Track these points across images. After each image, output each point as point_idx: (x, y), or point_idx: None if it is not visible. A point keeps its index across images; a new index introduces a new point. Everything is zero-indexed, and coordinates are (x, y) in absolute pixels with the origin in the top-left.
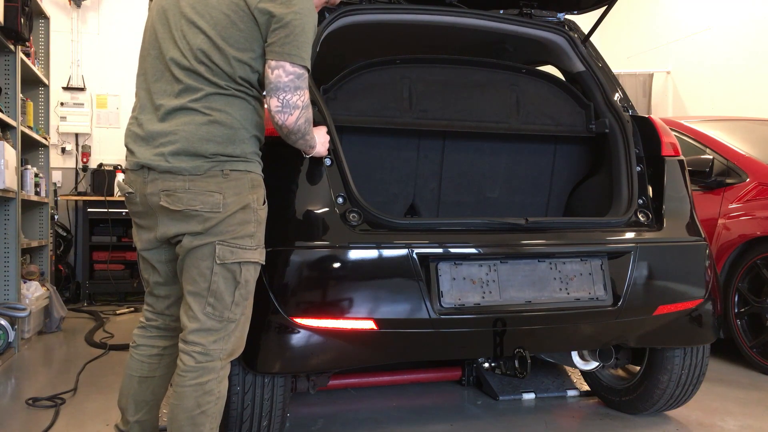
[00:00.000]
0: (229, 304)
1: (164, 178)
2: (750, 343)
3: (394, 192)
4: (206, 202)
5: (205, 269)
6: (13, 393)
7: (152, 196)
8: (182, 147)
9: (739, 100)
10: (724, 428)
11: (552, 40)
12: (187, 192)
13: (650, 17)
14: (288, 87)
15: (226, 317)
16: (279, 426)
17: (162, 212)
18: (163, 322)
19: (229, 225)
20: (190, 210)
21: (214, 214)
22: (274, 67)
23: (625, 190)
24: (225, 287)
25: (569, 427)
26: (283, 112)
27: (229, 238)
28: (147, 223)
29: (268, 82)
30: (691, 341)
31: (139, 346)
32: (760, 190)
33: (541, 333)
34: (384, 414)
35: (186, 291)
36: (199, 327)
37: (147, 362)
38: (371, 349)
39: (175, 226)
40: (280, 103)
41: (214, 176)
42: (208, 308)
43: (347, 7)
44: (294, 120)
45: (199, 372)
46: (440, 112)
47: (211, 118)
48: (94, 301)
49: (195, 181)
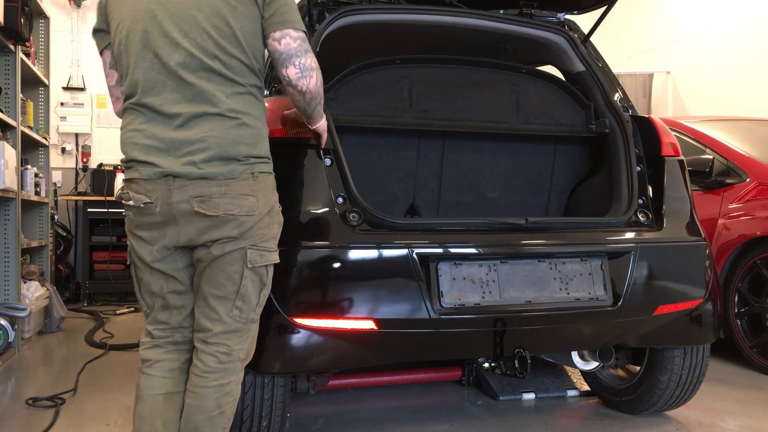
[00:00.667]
0: (254, 305)
1: (196, 185)
2: (750, 343)
3: (394, 192)
4: (242, 206)
5: (233, 273)
6: (13, 393)
7: (180, 203)
8: (215, 153)
9: (739, 100)
10: (724, 428)
11: (552, 40)
12: (224, 197)
13: (650, 17)
14: (300, 51)
15: (250, 318)
16: (279, 426)
17: (189, 219)
18: (182, 336)
19: (259, 228)
20: (227, 215)
21: (249, 217)
22: (279, 37)
23: (625, 190)
24: (253, 290)
25: (569, 427)
26: (304, 76)
27: (258, 241)
28: (160, 234)
29: (277, 54)
30: (691, 341)
31: (156, 363)
32: (760, 190)
33: (541, 333)
34: (384, 414)
35: (209, 295)
36: (225, 329)
37: (170, 377)
38: (371, 349)
39: (207, 233)
40: (299, 68)
41: (246, 179)
42: (235, 311)
43: (347, 7)
44: (315, 82)
45: (222, 373)
46: (440, 112)
47: (239, 122)
48: (94, 301)
49: (230, 185)
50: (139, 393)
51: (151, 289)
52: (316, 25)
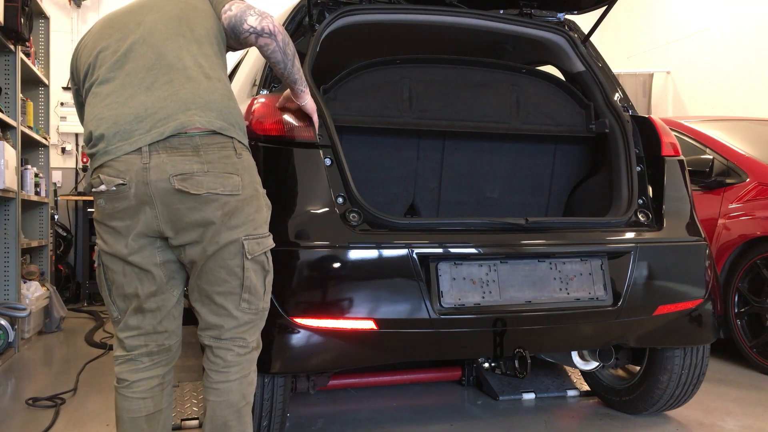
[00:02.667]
0: (261, 294)
1: (176, 162)
2: (750, 343)
3: (394, 192)
4: (226, 185)
5: (235, 267)
6: (13, 393)
7: (159, 182)
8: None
9: (739, 100)
10: (724, 428)
11: (552, 40)
12: (207, 174)
13: (650, 17)
14: (248, 7)
15: (261, 308)
16: (279, 426)
17: (168, 199)
18: (156, 344)
19: (248, 214)
20: (210, 194)
21: (233, 197)
22: (227, 8)
23: (625, 190)
24: (257, 279)
25: (569, 427)
26: (264, 18)
27: (252, 229)
28: (135, 221)
29: (234, 19)
30: (691, 341)
31: (133, 383)
32: (760, 190)
33: (541, 333)
34: (384, 414)
35: (213, 293)
36: (237, 324)
37: (149, 397)
38: (371, 349)
39: (188, 215)
40: (256, 14)
41: (228, 157)
42: (244, 304)
43: (347, 7)
44: (277, 23)
45: (243, 365)
46: (440, 112)
47: (212, 80)
48: (94, 301)
49: (213, 162)
50: (119, 414)
51: (124, 291)
52: (316, 25)
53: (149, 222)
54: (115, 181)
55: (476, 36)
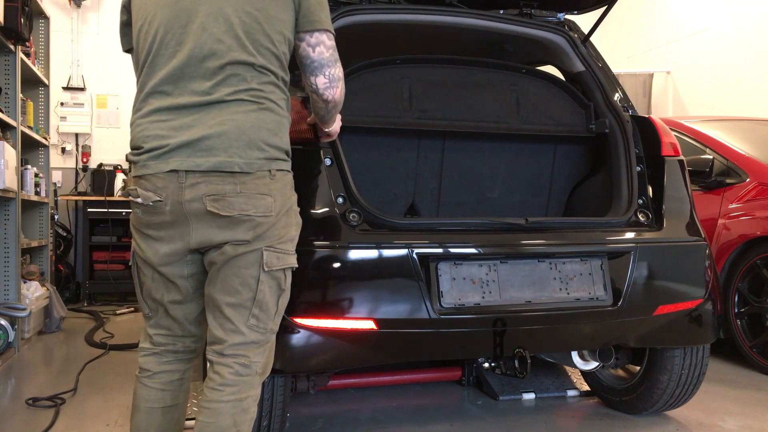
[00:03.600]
0: (272, 314)
1: (210, 182)
2: (750, 343)
3: (394, 192)
4: (259, 206)
5: (249, 278)
6: (13, 393)
7: (193, 202)
8: (234, 139)
9: (739, 100)
10: (724, 428)
11: (552, 40)
12: (239, 195)
13: (650, 17)
14: (331, 61)
15: (269, 328)
16: (279, 426)
17: (201, 219)
18: (183, 345)
19: (276, 229)
20: (242, 215)
21: (265, 218)
22: (314, 43)
23: (625, 190)
24: (270, 296)
25: (569, 427)
26: (331, 87)
27: (276, 243)
28: (169, 234)
29: (309, 61)
30: (691, 341)
31: (156, 374)
32: (760, 190)
33: (541, 333)
34: (384, 414)
35: (223, 303)
36: (243, 341)
37: (168, 390)
38: (371, 349)
39: (220, 234)
40: (328, 79)
41: (262, 177)
42: (252, 320)
43: (347, 7)
44: (340, 92)
45: (239, 387)
46: (440, 112)
47: (262, 106)
48: (94, 301)
49: (246, 183)
50: (136, 403)
51: (152, 295)
52: None
53: (183, 237)
54: (152, 197)
55: (476, 36)
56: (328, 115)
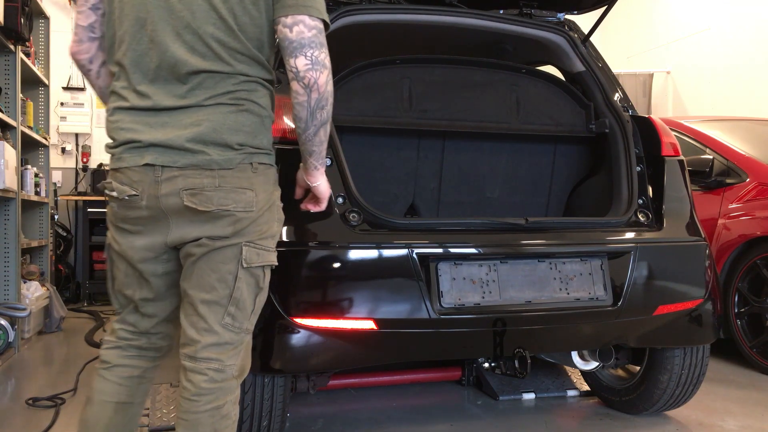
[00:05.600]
0: (249, 313)
1: (187, 175)
2: (750, 343)
3: (394, 192)
4: (239, 201)
5: (226, 274)
6: (13, 393)
7: (169, 197)
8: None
9: (739, 100)
10: (724, 428)
11: (552, 40)
12: (218, 190)
13: (650, 17)
14: (314, 43)
15: (245, 328)
16: (279, 426)
17: (179, 214)
18: (148, 341)
19: (257, 225)
20: (221, 210)
21: (246, 213)
22: (291, 24)
23: (625, 190)
24: (248, 294)
25: (569, 427)
26: (314, 69)
27: (256, 239)
28: (146, 229)
29: (287, 42)
30: (691, 341)
31: (115, 367)
32: (760, 190)
33: (541, 333)
34: (384, 414)
35: (198, 300)
36: (217, 341)
37: (126, 385)
38: (371, 349)
39: (197, 229)
40: (309, 60)
41: (243, 170)
42: (227, 319)
43: (347, 7)
44: (325, 80)
45: (216, 394)
46: (440, 112)
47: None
48: (94, 301)
49: (225, 177)
50: (90, 396)
51: (123, 290)
52: None
53: (161, 232)
54: (127, 191)
55: (476, 36)
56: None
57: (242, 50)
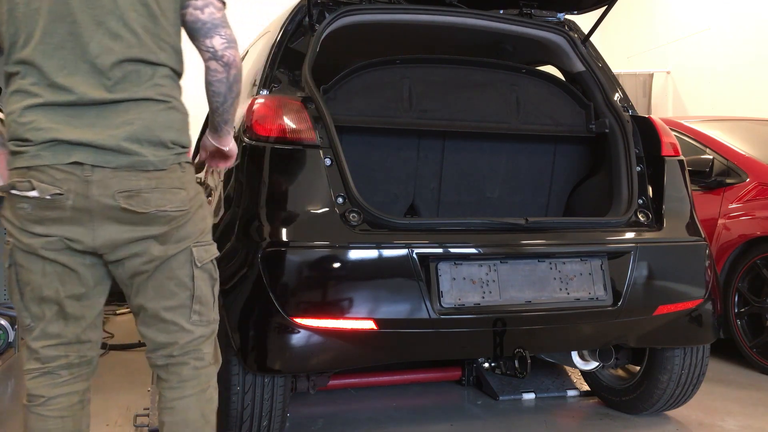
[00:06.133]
0: (211, 305)
1: (122, 177)
2: (750, 343)
3: (394, 192)
4: (174, 201)
5: (184, 277)
6: (13, 393)
7: (102, 198)
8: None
9: (739, 100)
10: (724, 428)
11: (552, 40)
12: (155, 191)
13: (650, 17)
14: (225, 22)
15: (212, 319)
16: (279, 426)
17: (110, 217)
18: (78, 355)
19: (195, 223)
20: (158, 211)
21: (181, 212)
22: (202, 5)
23: (625, 190)
24: (206, 289)
25: (569, 427)
26: (230, 46)
27: (200, 237)
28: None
29: (200, 23)
30: (691, 341)
31: (51, 400)
32: (760, 190)
33: (541, 333)
34: (384, 414)
35: (161, 309)
36: (191, 338)
37: (69, 416)
38: (371, 349)
39: (129, 232)
40: (225, 39)
41: (175, 171)
42: (195, 316)
43: (347, 7)
44: (239, 56)
45: (199, 379)
46: (440, 112)
47: (170, 105)
48: None
49: (161, 178)
50: None
51: (41, 294)
52: (316, 25)
53: (83, 236)
54: (51, 189)
55: (476, 36)
56: (230, 99)
57: (165, 37)
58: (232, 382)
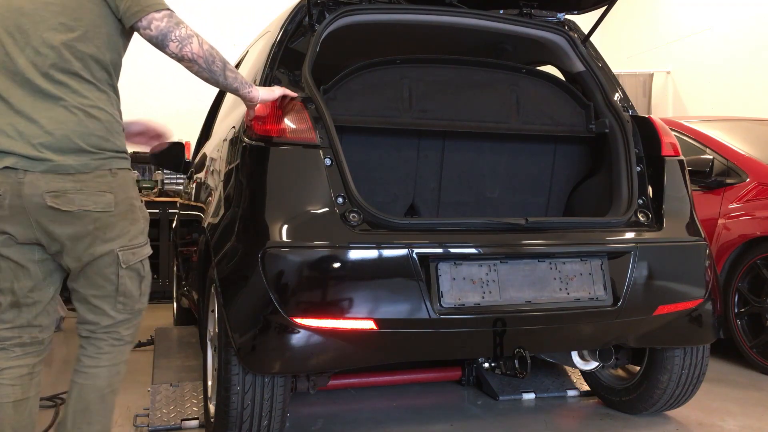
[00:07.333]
0: (137, 297)
1: (49, 179)
2: (750, 343)
3: (394, 192)
4: (99, 203)
5: (110, 275)
6: None
7: (33, 197)
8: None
9: (739, 100)
10: (724, 428)
11: (552, 40)
12: (80, 192)
13: (650, 17)
14: (171, 26)
15: (137, 309)
16: (279, 426)
17: (41, 213)
18: (30, 336)
19: (122, 227)
20: (81, 211)
21: (105, 213)
22: (146, 24)
23: (625, 190)
24: (132, 284)
25: (569, 427)
26: (184, 45)
27: (127, 241)
28: (9, 226)
29: (155, 40)
30: (691, 341)
31: (3, 371)
32: (760, 190)
33: (541, 333)
34: (384, 414)
35: (89, 296)
36: (113, 321)
37: (19, 384)
38: (371, 349)
39: (59, 228)
40: (177, 40)
41: (103, 176)
42: (119, 305)
43: (347, 7)
44: (198, 46)
45: (114, 354)
46: (440, 112)
47: (88, 114)
48: None
49: (86, 181)
50: None
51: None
52: (316, 25)
53: (25, 230)
54: None
55: (476, 36)
56: (218, 76)
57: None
58: (232, 382)
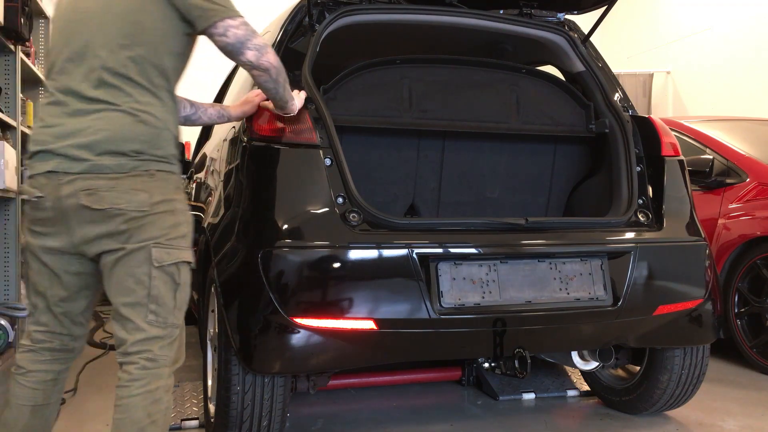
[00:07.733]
0: (171, 308)
1: (85, 178)
2: (750, 343)
3: (394, 192)
4: (132, 201)
5: (142, 275)
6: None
7: (69, 198)
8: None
9: (739, 100)
10: (724, 428)
11: (552, 40)
12: (112, 190)
13: (650, 17)
14: (249, 34)
15: (170, 323)
16: (279, 426)
17: (78, 214)
18: (60, 343)
19: (161, 227)
20: (114, 209)
21: (139, 212)
22: (221, 32)
23: (625, 190)
24: (165, 291)
25: (569, 427)
26: (263, 54)
27: (163, 239)
28: (54, 230)
29: (230, 47)
30: (691, 341)
31: (30, 373)
32: (760, 190)
33: (541, 333)
34: (384, 414)
35: (120, 305)
36: (145, 337)
37: (41, 389)
38: (371, 349)
39: (95, 228)
40: (255, 48)
41: (139, 176)
42: (151, 316)
43: (347, 7)
44: (275, 56)
45: (148, 379)
46: (440, 112)
47: (138, 118)
48: None
49: (120, 179)
50: (8, 399)
51: (36, 288)
52: (316, 25)
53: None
54: (35, 193)
55: (476, 36)
56: (280, 87)
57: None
58: (232, 382)
